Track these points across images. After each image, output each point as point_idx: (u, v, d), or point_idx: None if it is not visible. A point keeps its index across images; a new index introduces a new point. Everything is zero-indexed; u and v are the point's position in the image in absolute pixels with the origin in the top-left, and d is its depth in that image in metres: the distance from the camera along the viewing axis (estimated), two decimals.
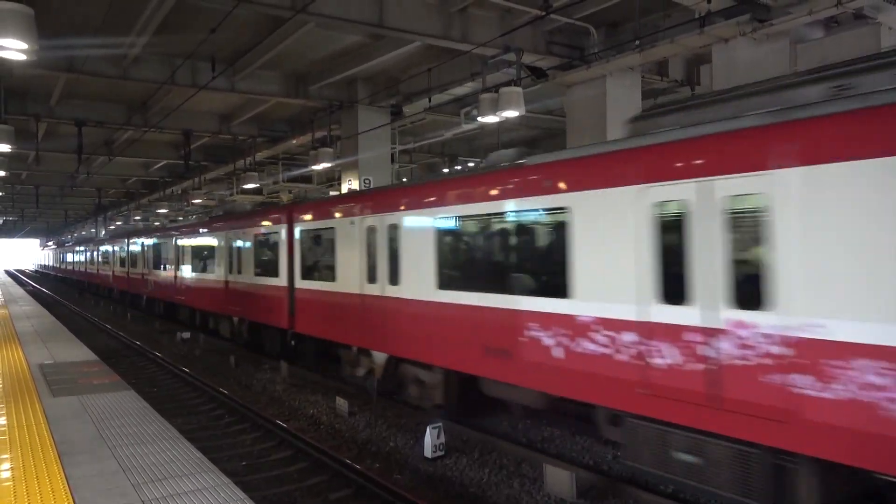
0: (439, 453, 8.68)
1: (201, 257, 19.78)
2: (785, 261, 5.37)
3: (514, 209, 8.10)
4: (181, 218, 33.16)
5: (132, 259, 29.23)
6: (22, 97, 18.30)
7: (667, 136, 6.45)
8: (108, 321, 25.53)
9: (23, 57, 8.56)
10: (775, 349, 5.42)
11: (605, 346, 6.85)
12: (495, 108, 12.67)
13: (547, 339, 7.52)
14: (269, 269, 15.08)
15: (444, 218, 9.29)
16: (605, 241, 6.92)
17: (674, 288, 6.22)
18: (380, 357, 10.96)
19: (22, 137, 18.25)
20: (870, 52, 9.10)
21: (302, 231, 13.71)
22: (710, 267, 5.91)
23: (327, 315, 12.46)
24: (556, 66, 13.61)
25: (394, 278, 10.34)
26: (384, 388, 11.22)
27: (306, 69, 16.64)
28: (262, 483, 7.99)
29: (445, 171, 23.10)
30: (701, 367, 5.95)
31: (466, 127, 18.32)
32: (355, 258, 11.42)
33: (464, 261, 9.12)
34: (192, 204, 32.56)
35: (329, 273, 12.41)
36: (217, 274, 18.40)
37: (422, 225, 9.72)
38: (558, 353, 7.38)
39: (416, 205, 9.84)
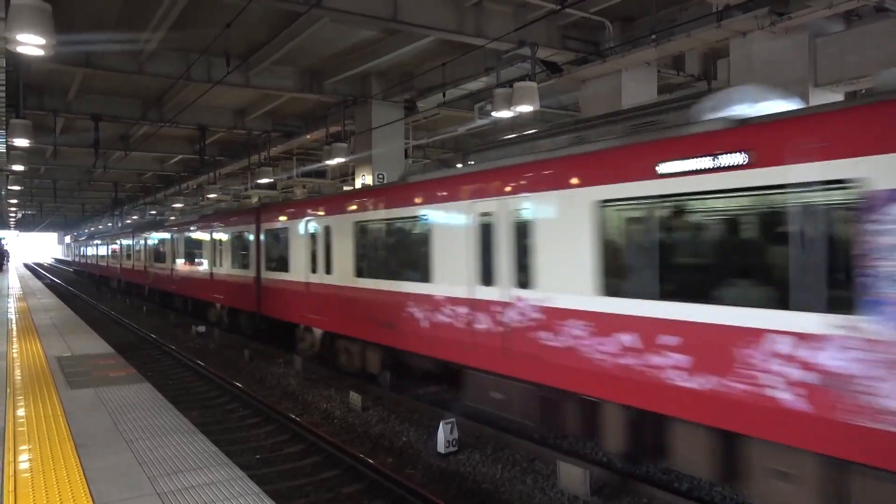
0: (452, 449, 8.68)
1: (191, 251, 23.12)
2: (537, 257, 7.88)
3: (397, 217, 10.72)
4: (172, 216, 32.47)
5: (136, 254, 32.21)
6: (40, 92, 18.49)
7: (483, 166, 9.01)
8: (123, 314, 25.79)
9: (40, 52, 8.63)
10: (535, 315, 7.88)
11: (451, 316, 9.29)
12: (509, 103, 12.61)
13: (417, 313, 10.06)
14: (244, 262, 17.84)
15: (358, 222, 11.89)
16: (451, 241, 9.34)
17: (487, 274, 8.68)
18: (318, 332, 13.88)
19: (40, 132, 18.48)
20: (891, 49, 8.98)
21: (266, 230, 16.30)
22: (506, 260, 8.39)
23: (282, 300, 15.23)
24: (570, 61, 13.53)
25: (328, 269, 12.97)
26: (321, 357, 13.97)
27: (320, 64, 16.66)
28: (275, 476, 8.04)
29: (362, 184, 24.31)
30: (500, 329, 8.40)
31: (480, 122, 18.28)
32: (302, 253, 14.08)
33: (367, 255, 11.69)
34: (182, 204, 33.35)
35: (284, 265, 15.10)
36: (204, 266, 21.30)
37: (342, 226, 12.39)
38: (424, 324, 9.86)
39: (340, 211, 12.54)
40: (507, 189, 8.33)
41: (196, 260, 21.82)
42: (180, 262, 23.77)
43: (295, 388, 12.74)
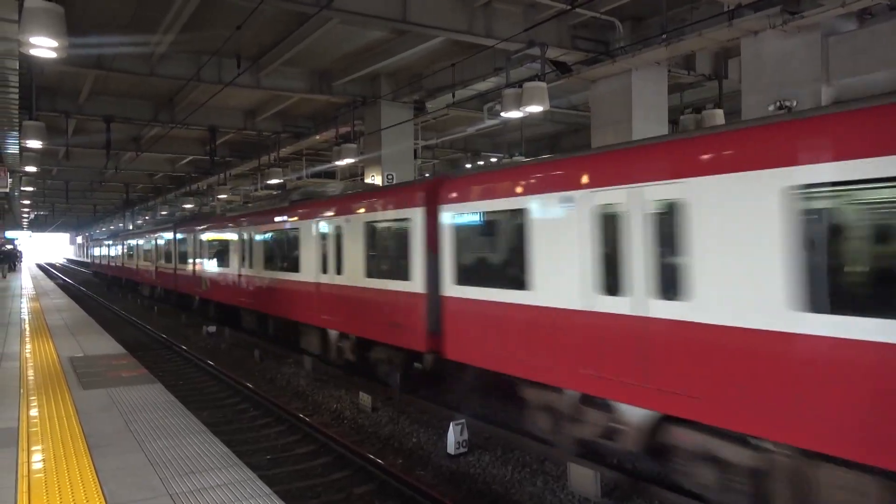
0: (462, 450, 8.67)
1: (280, 252, 22.83)
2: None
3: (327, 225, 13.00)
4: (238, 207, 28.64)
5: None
6: (52, 94, 18.65)
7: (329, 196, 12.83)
8: (134, 314, 25.96)
9: (53, 55, 8.70)
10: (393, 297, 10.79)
11: (365, 303, 11.69)
12: (519, 103, 12.60)
13: (220, 283, 13.70)
14: (167, 259, 20.09)
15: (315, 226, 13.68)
16: (354, 242, 12.07)
17: (371, 269, 11.55)
18: (196, 298, 17.23)
19: (53, 134, 18.63)
20: None
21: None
22: (355, 256, 11.95)
23: (186, 281, 18.81)
24: (580, 61, 13.49)
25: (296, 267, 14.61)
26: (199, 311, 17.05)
27: (330, 65, 16.71)
28: (286, 477, 8.06)
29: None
30: (388, 309, 10.92)
31: (489, 122, 18.26)
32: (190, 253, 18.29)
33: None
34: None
35: (184, 261, 18.95)
36: (305, 273, 18.85)
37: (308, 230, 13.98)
38: (346, 310, 12.32)
39: (312, 216, 13.95)
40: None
41: (284, 264, 15.45)
42: (257, 266, 17.10)
43: (305, 388, 12.78)
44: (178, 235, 24.99)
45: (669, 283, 6.26)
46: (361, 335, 12.03)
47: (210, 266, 21.06)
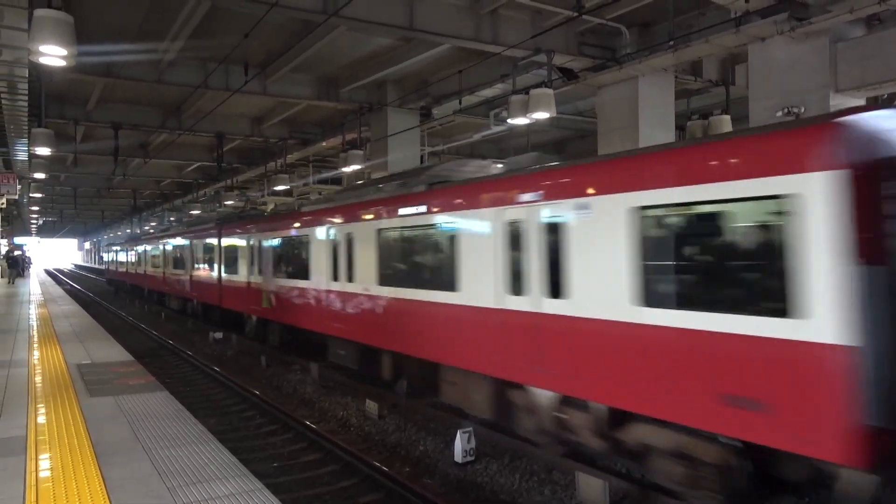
0: (469, 458, 8.63)
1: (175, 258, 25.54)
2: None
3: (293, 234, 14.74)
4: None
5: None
6: (61, 101, 18.77)
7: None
8: (142, 320, 26.03)
9: (62, 63, 8.76)
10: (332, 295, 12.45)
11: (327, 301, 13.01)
12: (525, 109, 12.60)
13: (297, 300, 14.73)
14: (209, 266, 20.61)
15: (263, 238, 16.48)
16: (322, 251, 13.30)
17: (338, 272, 12.46)
18: (252, 318, 18.20)
19: (61, 141, 18.72)
20: None
21: (225, 240, 19.66)
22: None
23: (235, 295, 18.81)
24: (587, 68, 13.49)
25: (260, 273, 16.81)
26: (256, 336, 18.19)
27: (337, 72, 16.76)
28: (293, 485, 8.04)
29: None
30: (336, 307, 12.53)
31: (496, 129, 18.27)
32: (246, 260, 17.96)
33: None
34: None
35: (234, 269, 18.83)
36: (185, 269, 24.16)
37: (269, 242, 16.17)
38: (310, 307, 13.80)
39: (270, 231, 16.35)
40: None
41: (426, 277, 10.25)
42: (364, 278, 11.76)
43: (311, 395, 12.76)
44: (226, 238, 20.19)
45: None
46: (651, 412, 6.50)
47: (277, 277, 16.24)
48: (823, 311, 5.00)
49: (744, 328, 5.49)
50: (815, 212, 5.05)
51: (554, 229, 7.57)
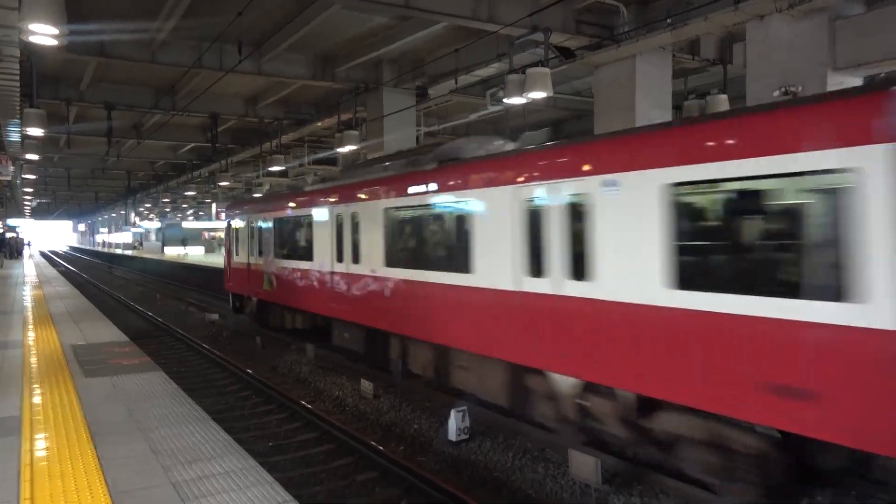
0: (464, 437, 8.69)
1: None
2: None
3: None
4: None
5: None
6: (54, 82, 18.56)
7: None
8: (137, 301, 26.01)
9: (53, 42, 8.65)
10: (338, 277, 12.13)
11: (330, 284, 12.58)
12: (522, 89, 12.50)
13: (299, 281, 14.17)
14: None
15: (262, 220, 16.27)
16: (324, 232, 12.95)
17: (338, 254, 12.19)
18: (252, 300, 17.73)
19: (54, 121, 18.57)
20: None
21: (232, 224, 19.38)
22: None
23: (238, 277, 18.67)
24: (584, 46, 13.35)
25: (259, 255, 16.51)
26: (252, 315, 17.95)
27: (332, 51, 16.58)
28: (289, 464, 8.09)
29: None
30: (339, 288, 12.20)
31: (492, 109, 18.14)
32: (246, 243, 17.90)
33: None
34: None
35: (243, 253, 18.18)
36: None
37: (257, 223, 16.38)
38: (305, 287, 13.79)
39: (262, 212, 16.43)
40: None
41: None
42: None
43: (307, 375, 12.80)
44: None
45: None
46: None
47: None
48: (883, 296, 4.65)
49: (792, 313, 5.15)
50: (875, 187, 4.68)
51: (578, 208, 7.17)
